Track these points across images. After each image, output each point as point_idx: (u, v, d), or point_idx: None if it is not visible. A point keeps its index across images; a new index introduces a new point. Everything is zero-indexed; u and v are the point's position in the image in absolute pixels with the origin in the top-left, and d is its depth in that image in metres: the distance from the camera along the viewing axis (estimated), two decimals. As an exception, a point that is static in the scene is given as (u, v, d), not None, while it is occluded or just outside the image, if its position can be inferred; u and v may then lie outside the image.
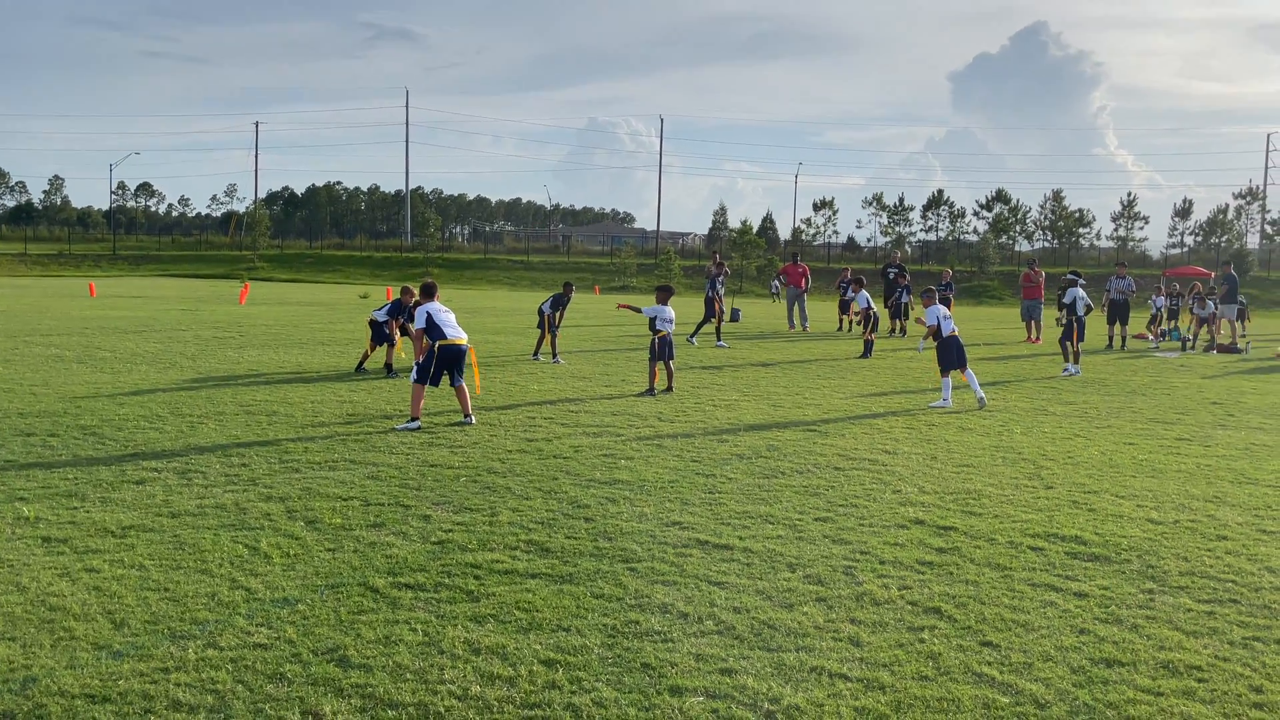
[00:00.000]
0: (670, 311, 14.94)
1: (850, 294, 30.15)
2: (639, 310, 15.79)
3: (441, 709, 4.54)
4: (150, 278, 64.03)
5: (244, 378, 15.39)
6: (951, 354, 14.34)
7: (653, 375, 14.75)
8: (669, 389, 14.74)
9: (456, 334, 11.83)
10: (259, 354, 18.78)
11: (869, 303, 22.70)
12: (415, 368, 11.68)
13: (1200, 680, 5.04)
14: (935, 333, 14.57)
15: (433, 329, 11.69)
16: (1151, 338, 27.82)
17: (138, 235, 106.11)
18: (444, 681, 4.81)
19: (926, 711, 4.63)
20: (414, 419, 11.44)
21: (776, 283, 56.72)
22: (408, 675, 4.88)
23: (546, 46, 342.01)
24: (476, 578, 6.29)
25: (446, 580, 6.23)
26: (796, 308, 28.69)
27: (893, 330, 28.51)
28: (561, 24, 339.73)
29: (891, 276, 29.68)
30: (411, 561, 6.57)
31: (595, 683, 4.84)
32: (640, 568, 6.57)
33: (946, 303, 29.88)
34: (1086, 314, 19.05)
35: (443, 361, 11.65)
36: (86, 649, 5.09)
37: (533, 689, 4.76)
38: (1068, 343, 18.94)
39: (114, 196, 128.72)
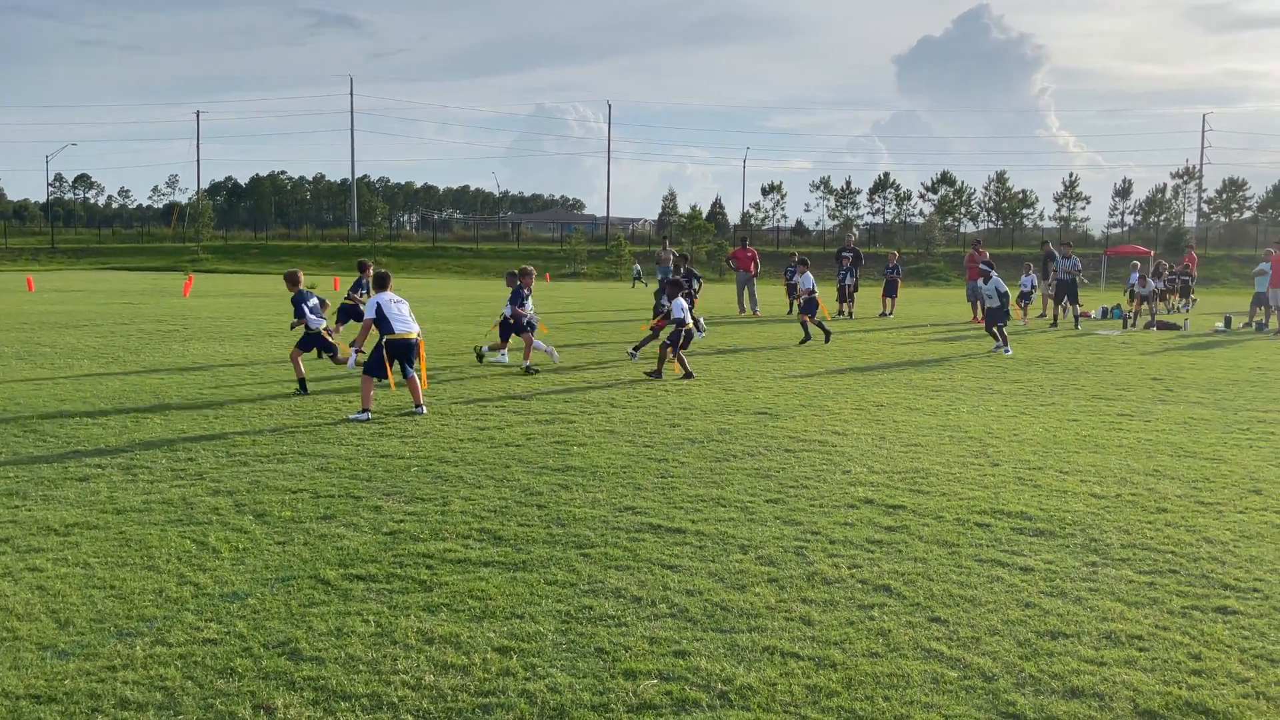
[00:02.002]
0: (682, 302, 15.48)
1: (795, 277, 30.38)
2: (669, 319, 15.70)
3: (395, 699, 4.52)
4: (91, 271, 62.83)
5: (189, 371, 15.17)
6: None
7: (663, 359, 15.03)
8: (688, 375, 14.94)
9: (406, 327, 11.72)
10: (204, 347, 18.52)
11: (813, 285, 21.58)
12: (364, 357, 11.85)
13: (1141, 649, 5.15)
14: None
15: (382, 321, 11.60)
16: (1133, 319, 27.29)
17: (77, 228, 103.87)
18: (397, 672, 4.80)
19: (877, 687, 4.69)
20: (364, 410, 11.36)
21: (639, 267, 56.07)
22: (360, 666, 4.85)
23: (492, 32, 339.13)
24: (429, 567, 6.27)
25: (399, 571, 6.20)
26: (746, 292, 28.83)
27: (840, 312, 28.75)
28: (507, 9, 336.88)
29: (845, 260, 29.92)
30: (363, 553, 6.53)
31: (549, 669, 4.85)
32: (593, 553, 6.58)
33: (894, 285, 30.34)
34: (1005, 303, 19.20)
35: (391, 354, 11.62)
36: (30, 649, 5.00)
37: (487, 677, 4.76)
38: (994, 328, 19.18)
39: (51, 189, 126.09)
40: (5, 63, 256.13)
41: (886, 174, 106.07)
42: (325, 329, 13.58)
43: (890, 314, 29.12)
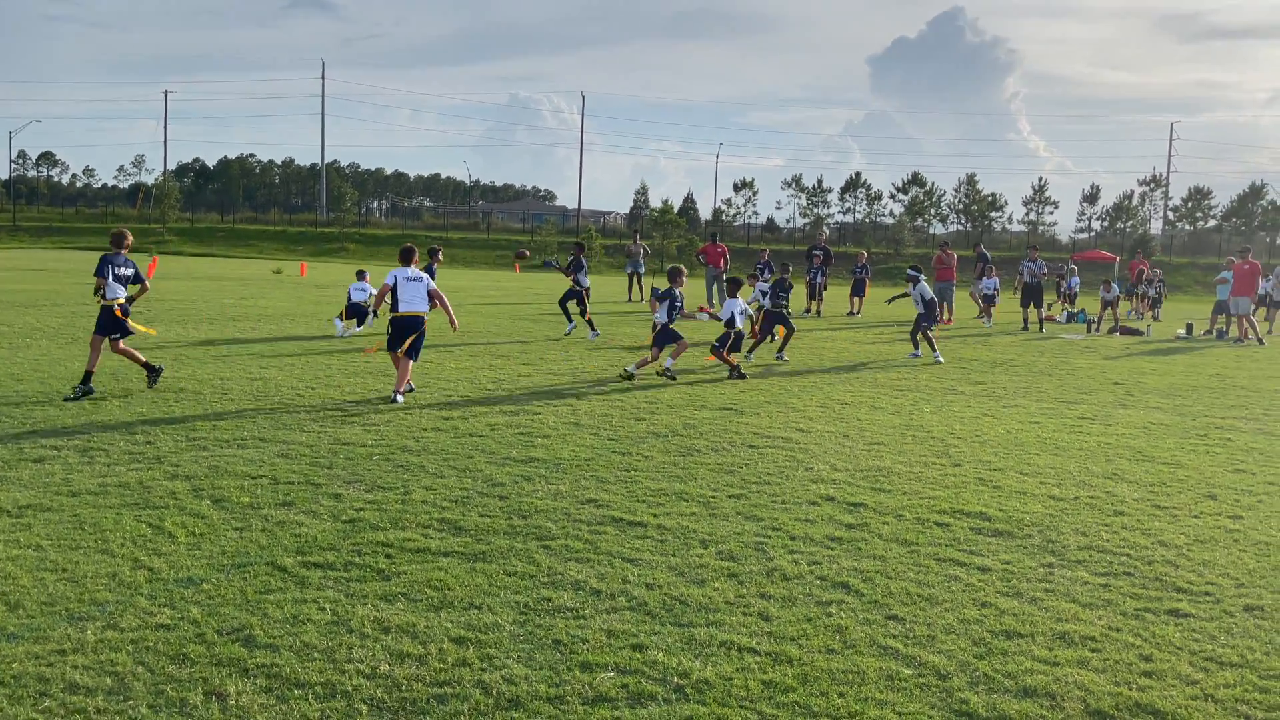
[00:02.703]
0: (742, 303, 15.33)
1: (765, 274, 30.43)
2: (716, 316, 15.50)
3: (349, 688, 4.49)
4: (53, 250, 61.94)
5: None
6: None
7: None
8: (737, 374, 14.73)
9: (411, 307, 11.91)
10: (167, 329, 18.31)
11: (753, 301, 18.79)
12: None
13: (1094, 650, 5.21)
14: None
15: (394, 296, 11.94)
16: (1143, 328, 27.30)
17: (39, 206, 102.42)
18: (352, 660, 4.77)
19: (832, 684, 4.72)
20: (404, 388, 11.86)
21: (553, 260, 55.52)
22: (315, 654, 4.82)
23: (466, 20, 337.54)
24: (388, 556, 6.23)
25: (357, 559, 6.16)
26: (715, 287, 28.88)
27: (807, 310, 28.87)
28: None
29: (815, 258, 30.02)
30: (321, 540, 6.48)
31: (506, 660, 4.84)
32: (554, 545, 6.57)
33: (862, 285, 30.45)
34: (931, 310, 18.52)
35: (396, 330, 11.89)
36: (-22, 632, 4.93)
37: (442, 667, 4.74)
38: (918, 334, 18.54)
39: (14, 165, 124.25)
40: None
41: (858, 173, 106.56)
42: (121, 305, 11.72)
43: (858, 313, 29.27)
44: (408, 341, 11.81)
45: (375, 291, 17.77)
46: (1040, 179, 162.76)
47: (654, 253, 53.98)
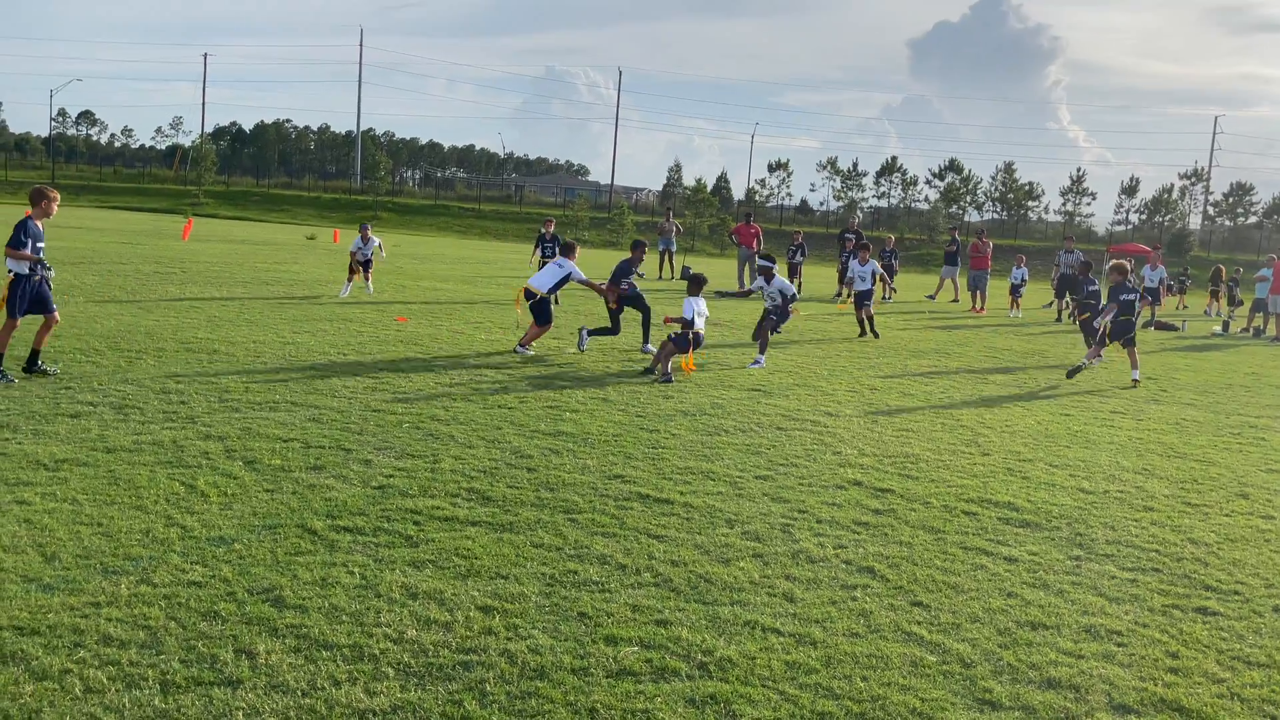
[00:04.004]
0: (702, 304, 13.08)
1: (797, 256, 30.27)
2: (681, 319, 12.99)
3: (376, 651, 4.55)
4: (90, 209, 62.49)
5: (185, 314, 15.13)
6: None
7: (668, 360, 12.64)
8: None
9: (535, 284, 13.94)
10: (201, 291, 18.47)
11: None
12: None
13: (1120, 645, 5.19)
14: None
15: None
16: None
17: (78, 164, 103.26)
18: (380, 624, 4.82)
19: (855, 667, 4.73)
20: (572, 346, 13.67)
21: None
22: (343, 617, 4.87)
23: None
24: (416, 523, 6.29)
25: (385, 525, 6.22)
26: (747, 268, 28.77)
27: (839, 294, 28.72)
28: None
29: (848, 242, 29.82)
30: (351, 505, 6.55)
31: (532, 630, 4.88)
32: (581, 519, 6.60)
33: (891, 270, 30.21)
34: (784, 310, 15.22)
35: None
36: (15, 581, 5.02)
37: (469, 634, 4.78)
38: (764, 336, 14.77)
39: (54, 123, 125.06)
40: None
41: (894, 158, 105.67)
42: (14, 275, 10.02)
43: (888, 299, 29.07)
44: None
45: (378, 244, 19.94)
46: (1079, 169, 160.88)
47: (686, 231, 53.84)
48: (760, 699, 4.36)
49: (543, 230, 23.20)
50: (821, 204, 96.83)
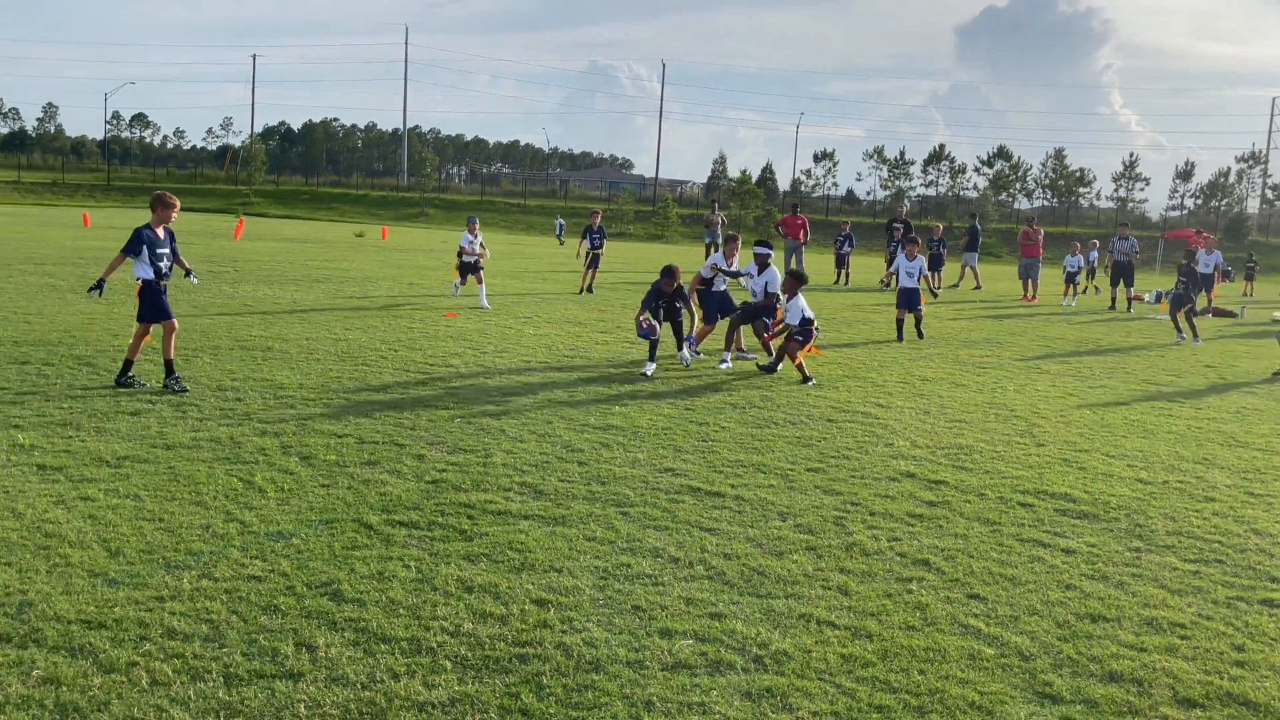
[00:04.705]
0: (802, 300, 12.38)
1: (844, 247, 30.05)
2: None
3: (434, 644, 4.59)
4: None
5: (239, 312, 15.35)
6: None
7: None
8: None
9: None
10: (254, 289, 18.72)
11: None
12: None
13: (1183, 637, 5.11)
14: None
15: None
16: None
17: (132, 166, 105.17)
18: (436, 618, 4.86)
19: (912, 660, 4.69)
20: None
21: (561, 221, 54.30)
22: (401, 611, 4.92)
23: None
24: (470, 517, 6.33)
25: (440, 519, 6.27)
26: (794, 259, 28.61)
27: (885, 283, 28.47)
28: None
29: (896, 232, 29.55)
30: (405, 500, 6.61)
31: (586, 623, 4.89)
32: (633, 512, 6.61)
33: (939, 259, 29.83)
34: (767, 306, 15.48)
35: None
36: (82, 576, 5.12)
37: (524, 628, 4.81)
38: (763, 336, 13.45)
39: (108, 126, 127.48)
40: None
41: (942, 146, 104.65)
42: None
43: (937, 290, 28.73)
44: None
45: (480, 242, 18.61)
46: (1131, 154, 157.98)
47: (731, 223, 53.68)
48: (817, 692, 4.35)
49: (590, 223, 23.22)
50: (868, 193, 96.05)
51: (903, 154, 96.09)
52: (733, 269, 13.71)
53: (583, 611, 5.03)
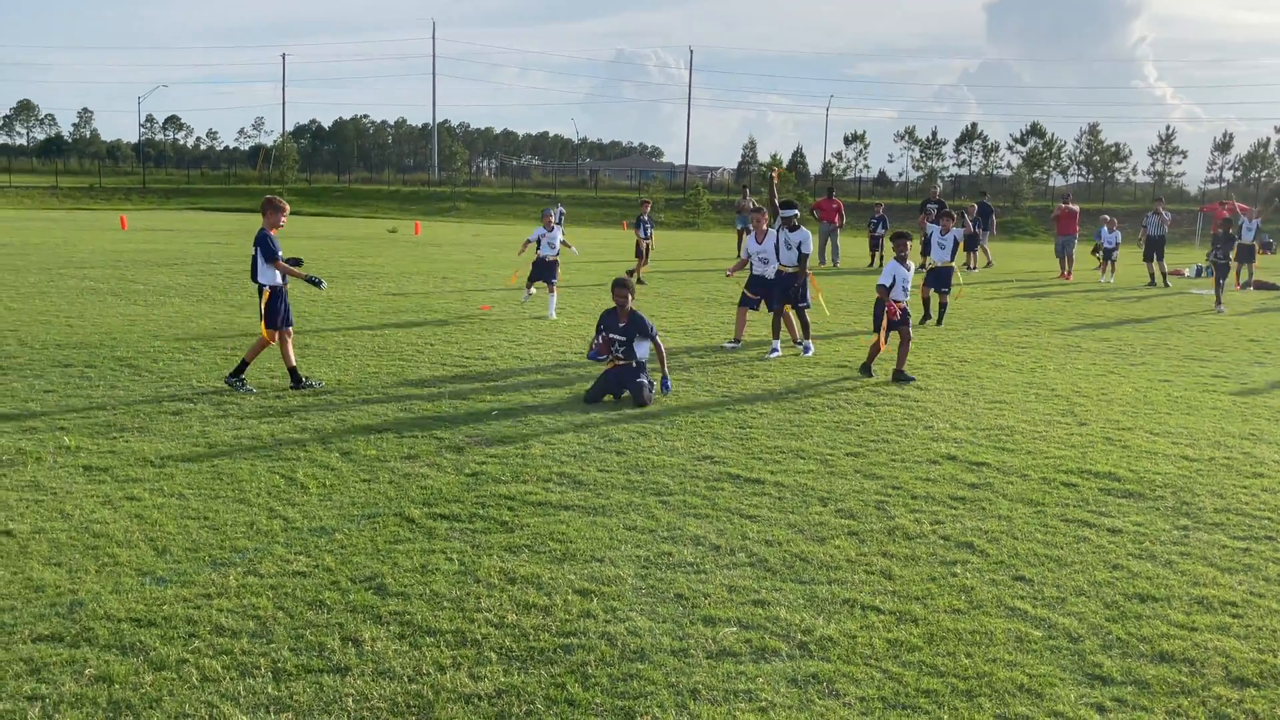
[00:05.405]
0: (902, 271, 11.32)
1: (880, 229, 29.82)
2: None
3: (479, 636, 4.60)
4: (180, 211, 64.27)
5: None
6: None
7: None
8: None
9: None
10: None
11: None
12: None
13: (1235, 616, 5.03)
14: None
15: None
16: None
17: (167, 168, 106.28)
18: (480, 610, 4.88)
19: (959, 644, 4.65)
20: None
21: (561, 210, 53.86)
22: (445, 603, 4.94)
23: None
24: (510, 509, 6.35)
25: (480, 511, 6.29)
26: (829, 243, 28.45)
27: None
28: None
29: (933, 212, 29.30)
30: (446, 493, 6.63)
31: (629, 612, 4.89)
32: (672, 500, 6.60)
33: (974, 239, 29.46)
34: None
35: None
36: (130, 575, 5.19)
37: (568, 618, 4.81)
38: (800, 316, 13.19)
39: (142, 129, 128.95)
40: (93, 2, 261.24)
41: (974, 124, 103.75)
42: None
43: (974, 268, 28.46)
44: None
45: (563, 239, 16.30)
46: (1168, 127, 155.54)
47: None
48: (863, 678, 4.32)
49: (641, 213, 23.22)
50: (901, 175, 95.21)
51: (934, 134, 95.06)
52: (762, 249, 13.06)
53: (626, 601, 5.03)
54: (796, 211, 12.83)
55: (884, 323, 11.09)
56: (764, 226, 12.92)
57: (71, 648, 4.40)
